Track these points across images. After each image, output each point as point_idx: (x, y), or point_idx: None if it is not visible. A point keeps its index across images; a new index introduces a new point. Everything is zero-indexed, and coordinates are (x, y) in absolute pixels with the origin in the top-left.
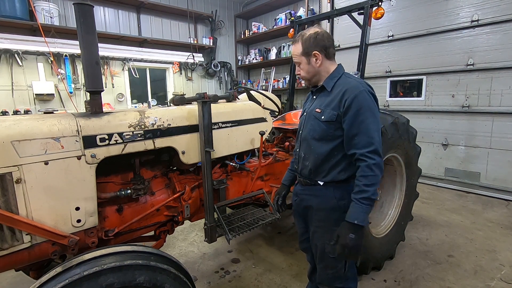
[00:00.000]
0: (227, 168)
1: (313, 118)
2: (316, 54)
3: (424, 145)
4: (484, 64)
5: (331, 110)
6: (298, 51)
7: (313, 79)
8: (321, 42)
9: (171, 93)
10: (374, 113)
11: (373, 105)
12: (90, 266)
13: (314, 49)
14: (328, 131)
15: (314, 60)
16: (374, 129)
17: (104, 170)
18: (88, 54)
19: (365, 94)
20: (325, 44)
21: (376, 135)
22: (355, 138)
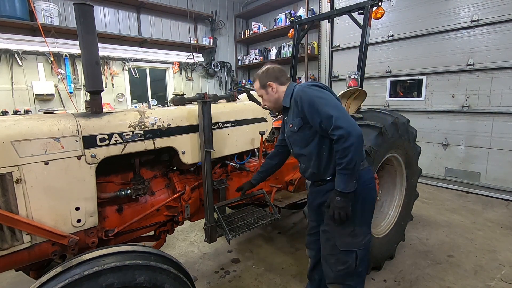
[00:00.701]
0: (227, 168)
1: (291, 134)
2: (270, 84)
3: (424, 145)
4: (484, 64)
5: (296, 118)
6: (258, 86)
7: (277, 106)
8: (272, 74)
9: (171, 93)
10: (321, 96)
11: (317, 92)
12: (90, 266)
13: (268, 81)
14: (306, 135)
15: (270, 89)
16: (328, 108)
17: (104, 170)
18: (88, 54)
19: (306, 89)
20: (276, 74)
21: (333, 111)
22: (322, 125)
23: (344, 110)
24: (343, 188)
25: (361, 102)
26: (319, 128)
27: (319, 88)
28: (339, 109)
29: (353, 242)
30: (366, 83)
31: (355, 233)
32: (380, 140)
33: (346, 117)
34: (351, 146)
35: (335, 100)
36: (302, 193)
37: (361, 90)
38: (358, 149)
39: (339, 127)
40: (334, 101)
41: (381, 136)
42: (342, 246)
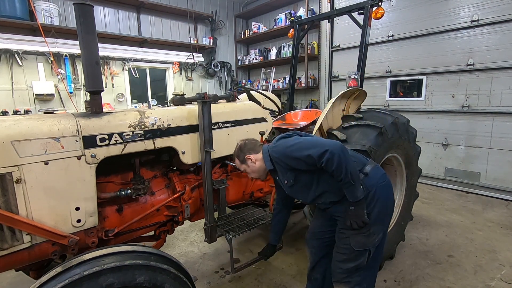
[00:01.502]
0: (227, 168)
1: (290, 188)
2: (248, 157)
3: (424, 145)
4: (484, 64)
5: (286, 174)
6: (239, 163)
7: (263, 173)
8: (245, 148)
9: (171, 93)
10: (288, 145)
11: (283, 143)
12: (90, 266)
13: (245, 155)
14: (305, 180)
15: (250, 162)
16: (301, 151)
17: (104, 170)
18: (88, 54)
19: (275, 149)
20: (249, 147)
21: (306, 150)
22: (309, 165)
23: (314, 140)
24: (353, 198)
25: (361, 102)
26: (310, 168)
27: (282, 140)
28: (309, 143)
29: (368, 241)
30: (366, 83)
31: (370, 233)
32: (380, 140)
33: (319, 144)
34: (340, 162)
35: (300, 140)
36: None
37: (361, 90)
38: (347, 160)
39: (321, 155)
40: (300, 141)
41: (381, 136)
42: (357, 246)
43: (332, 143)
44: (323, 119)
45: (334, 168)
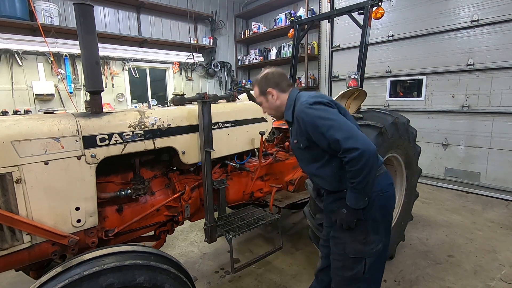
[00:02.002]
0: (227, 168)
1: (296, 149)
2: (270, 91)
3: (424, 145)
4: (484, 64)
5: (301, 137)
6: (257, 93)
7: (278, 113)
8: (272, 80)
9: (171, 93)
10: (324, 117)
11: (319, 112)
12: (90, 266)
13: (267, 87)
14: (314, 155)
15: (270, 97)
16: (334, 131)
17: (104, 170)
18: (88, 54)
19: (308, 110)
20: (276, 80)
21: (339, 133)
22: (331, 147)
23: (352, 128)
24: (353, 205)
25: (361, 102)
26: (328, 149)
27: (321, 105)
28: (346, 129)
29: (364, 250)
30: (366, 83)
31: (367, 241)
32: (380, 140)
33: (355, 136)
34: (364, 167)
35: (339, 118)
36: (302, 193)
37: (361, 90)
38: (372, 169)
39: (349, 150)
40: (339, 120)
41: (381, 136)
42: (352, 253)
43: (367, 142)
44: None
45: (354, 169)
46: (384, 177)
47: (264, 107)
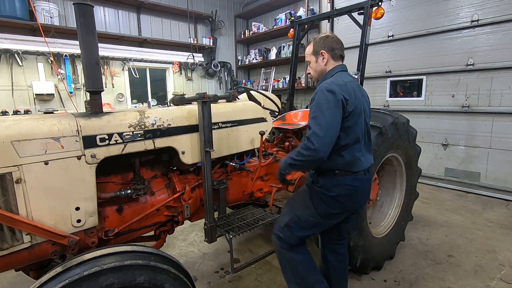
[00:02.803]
0: (227, 168)
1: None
2: (323, 53)
3: (424, 145)
4: (484, 64)
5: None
6: (310, 51)
7: (319, 77)
8: (329, 44)
9: (171, 93)
10: (320, 107)
11: (322, 101)
12: (90, 266)
13: (322, 49)
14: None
15: (321, 59)
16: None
17: (104, 170)
18: (88, 54)
19: (320, 92)
20: (332, 46)
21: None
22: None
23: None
24: (280, 164)
25: None
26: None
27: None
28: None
29: (298, 208)
30: (366, 83)
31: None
32: (380, 140)
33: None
34: (306, 158)
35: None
36: None
37: None
38: (309, 164)
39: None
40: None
41: (381, 136)
42: (290, 201)
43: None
44: None
45: (301, 153)
46: (349, 178)
47: (310, 67)
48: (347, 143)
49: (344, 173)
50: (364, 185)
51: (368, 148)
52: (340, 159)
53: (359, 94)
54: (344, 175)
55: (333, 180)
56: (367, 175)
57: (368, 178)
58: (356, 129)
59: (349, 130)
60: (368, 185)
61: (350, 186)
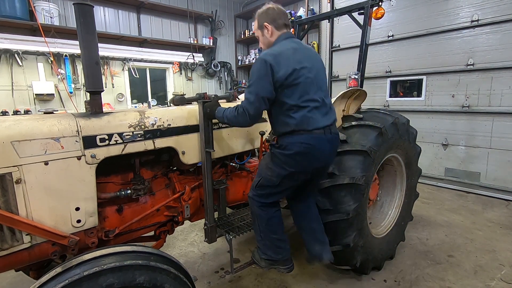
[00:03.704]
0: (227, 168)
1: None
2: (266, 25)
3: (424, 145)
4: (484, 64)
5: None
6: (256, 26)
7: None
8: (271, 16)
9: (171, 93)
10: (253, 76)
11: (254, 70)
12: (90, 266)
13: (265, 21)
14: None
15: (266, 31)
16: (248, 90)
17: (104, 170)
18: (88, 54)
19: (255, 62)
20: (274, 17)
21: (247, 94)
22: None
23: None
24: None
25: (361, 102)
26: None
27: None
28: (252, 91)
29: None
30: (366, 83)
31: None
32: (380, 140)
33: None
34: (235, 116)
35: (260, 80)
36: None
37: (361, 90)
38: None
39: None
40: (257, 81)
41: (381, 137)
42: (260, 164)
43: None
44: None
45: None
46: (305, 137)
47: (260, 42)
48: (295, 104)
49: (300, 132)
50: (323, 144)
51: (324, 107)
52: (291, 120)
53: (301, 59)
54: (300, 134)
55: (290, 139)
56: (328, 135)
57: (330, 138)
58: (301, 91)
59: (291, 93)
60: (331, 145)
61: (306, 144)
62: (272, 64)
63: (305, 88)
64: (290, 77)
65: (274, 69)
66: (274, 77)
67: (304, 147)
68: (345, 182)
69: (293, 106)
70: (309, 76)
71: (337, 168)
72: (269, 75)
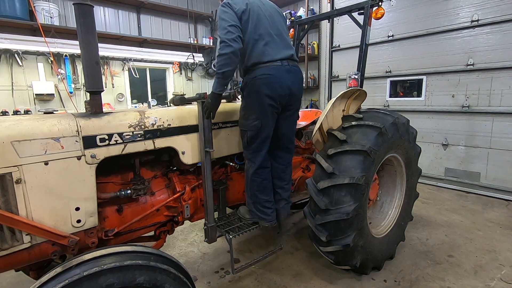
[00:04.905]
0: (227, 168)
1: None
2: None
3: (424, 145)
4: (484, 64)
5: None
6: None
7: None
8: None
9: (171, 93)
10: (218, 16)
11: (219, 13)
12: (90, 267)
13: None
14: None
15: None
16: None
17: (104, 170)
18: (88, 54)
19: (218, 9)
20: None
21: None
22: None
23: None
24: (214, 89)
25: (361, 102)
26: None
27: (224, 7)
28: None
29: (245, 123)
30: (366, 83)
31: (246, 117)
32: (380, 140)
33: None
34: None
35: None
36: (302, 193)
37: (361, 90)
38: (233, 60)
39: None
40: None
41: (381, 137)
42: (239, 125)
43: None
44: (323, 119)
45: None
46: (264, 69)
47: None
48: (253, 38)
49: (259, 66)
50: (282, 73)
51: (277, 44)
52: (252, 52)
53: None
54: (260, 68)
55: (253, 74)
56: (285, 66)
57: (287, 69)
58: (254, 28)
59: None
60: (290, 75)
61: (267, 75)
62: (228, 3)
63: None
64: (249, 17)
65: (231, 5)
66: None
67: (267, 78)
68: (345, 182)
69: (252, 40)
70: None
71: (337, 168)
72: (233, 14)
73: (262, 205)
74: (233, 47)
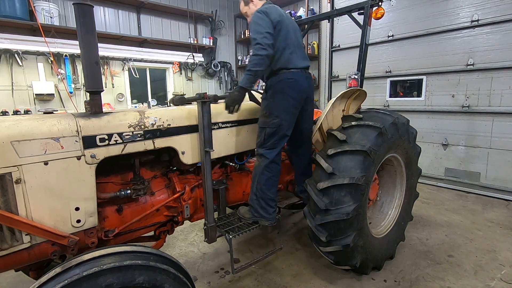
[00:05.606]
0: (227, 168)
1: None
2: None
3: (424, 145)
4: (484, 64)
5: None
6: (242, 5)
7: None
8: None
9: (171, 93)
10: (254, 20)
11: (255, 18)
12: (90, 267)
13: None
14: None
15: (251, 4)
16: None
17: (104, 170)
18: (88, 54)
19: (253, 16)
20: None
21: (255, 35)
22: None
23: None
24: (243, 84)
25: (361, 102)
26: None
27: (261, 14)
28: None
29: (265, 121)
30: (366, 83)
31: (267, 115)
32: (380, 140)
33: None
34: (256, 56)
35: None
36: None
37: (361, 90)
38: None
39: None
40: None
41: (381, 136)
42: (259, 123)
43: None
44: (323, 119)
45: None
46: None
47: (248, 17)
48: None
49: (284, 70)
50: (303, 79)
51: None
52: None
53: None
54: (286, 72)
55: (278, 78)
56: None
57: (306, 76)
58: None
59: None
60: (308, 81)
61: (292, 79)
62: (265, 11)
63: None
64: (280, 27)
65: (268, 15)
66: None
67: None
68: (345, 182)
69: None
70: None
71: (337, 168)
72: (269, 20)
73: (266, 202)
74: (268, 51)
